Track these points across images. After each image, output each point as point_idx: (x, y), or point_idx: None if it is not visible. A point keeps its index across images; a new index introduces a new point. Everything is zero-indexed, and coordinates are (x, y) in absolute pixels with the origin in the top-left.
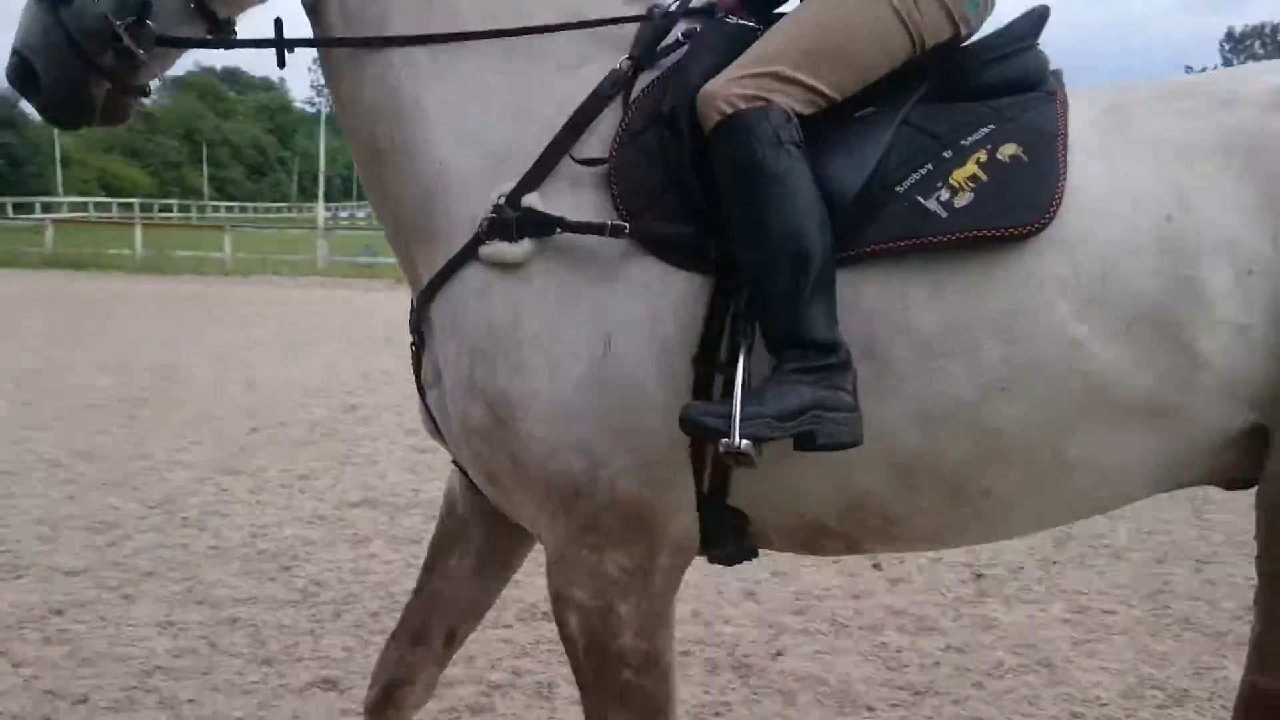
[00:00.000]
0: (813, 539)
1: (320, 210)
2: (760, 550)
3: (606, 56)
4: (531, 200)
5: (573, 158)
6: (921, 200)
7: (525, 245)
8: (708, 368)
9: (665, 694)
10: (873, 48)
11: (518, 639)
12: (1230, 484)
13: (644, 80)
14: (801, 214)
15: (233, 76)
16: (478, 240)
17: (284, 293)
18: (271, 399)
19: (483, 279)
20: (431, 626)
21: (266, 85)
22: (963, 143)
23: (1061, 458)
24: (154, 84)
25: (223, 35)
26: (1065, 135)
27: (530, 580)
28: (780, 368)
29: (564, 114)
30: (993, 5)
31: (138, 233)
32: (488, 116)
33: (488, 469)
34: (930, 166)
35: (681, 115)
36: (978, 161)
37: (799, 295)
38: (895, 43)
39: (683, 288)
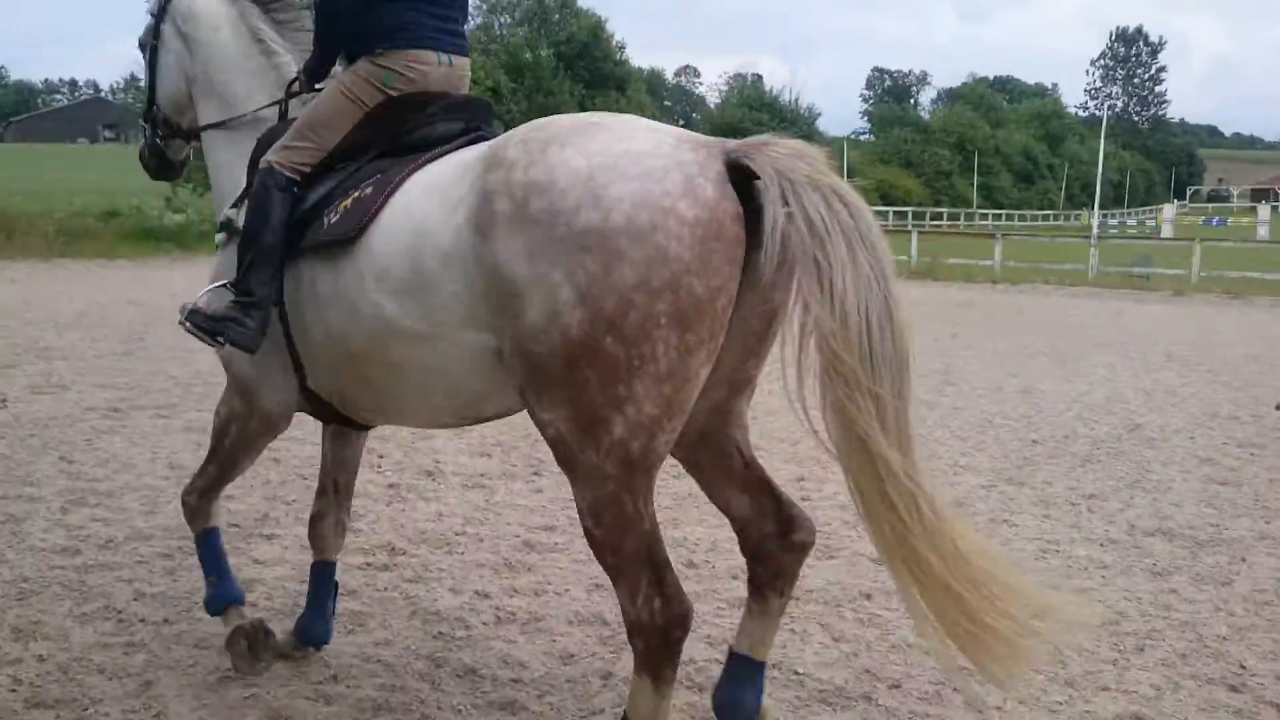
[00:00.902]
0: (351, 416)
1: (1094, 218)
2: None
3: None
4: (229, 213)
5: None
6: (326, 217)
7: (224, 236)
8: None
9: (237, 467)
10: (334, 116)
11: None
12: None
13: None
14: (258, 223)
15: (1005, 85)
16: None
17: (1052, 301)
18: (1050, 411)
19: (216, 254)
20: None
21: (1039, 91)
22: (362, 183)
23: (392, 364)
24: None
25: (188, 131)
26: (401, 181)
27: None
28: (232, 296)
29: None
30: (423, 75)
31: (913, 240)
32: (239, 167)
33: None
34: (343, 197)
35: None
36: (354, 196)
37: (247, 264)
38: (347, 110)
39: None
